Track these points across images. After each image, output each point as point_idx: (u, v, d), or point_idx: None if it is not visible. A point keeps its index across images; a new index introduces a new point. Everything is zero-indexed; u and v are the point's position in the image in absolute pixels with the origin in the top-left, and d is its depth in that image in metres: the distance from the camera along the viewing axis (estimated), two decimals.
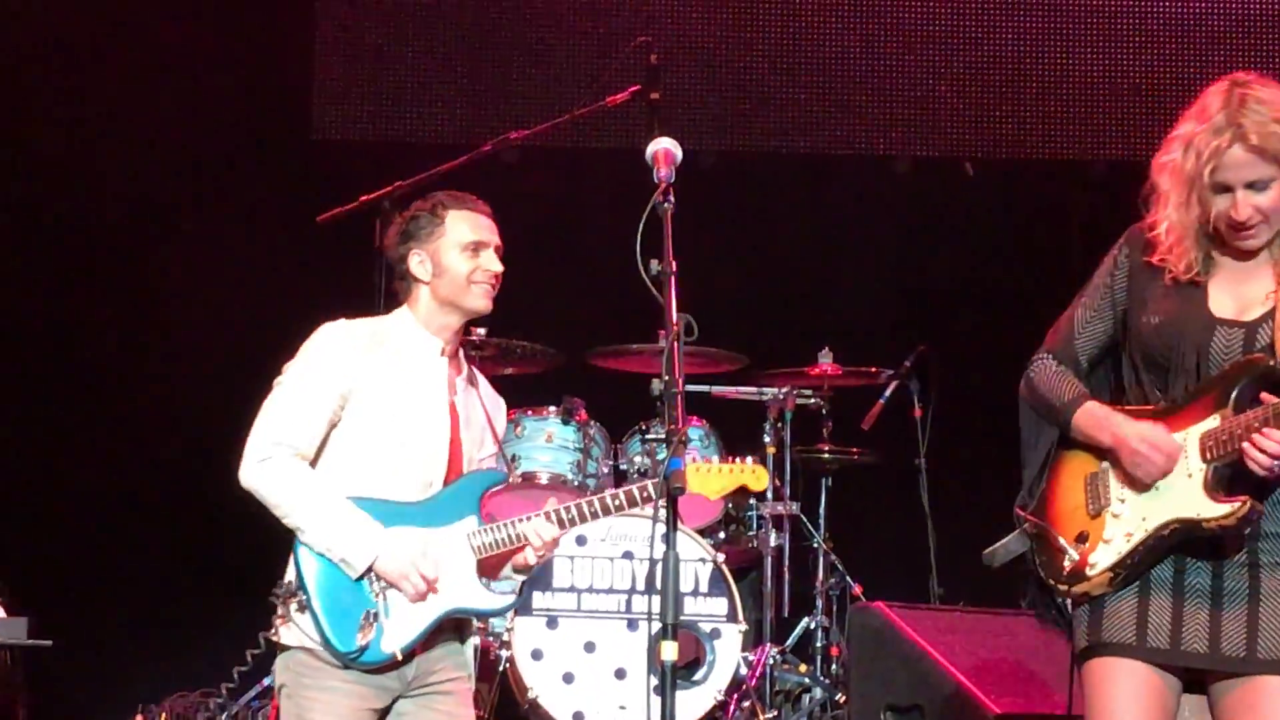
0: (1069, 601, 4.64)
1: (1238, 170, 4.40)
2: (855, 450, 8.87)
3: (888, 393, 8.81)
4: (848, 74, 9.83)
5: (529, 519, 5.31)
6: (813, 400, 8.72)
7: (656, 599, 4.27)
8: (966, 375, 9.03)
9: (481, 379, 5.57)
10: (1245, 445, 4.33)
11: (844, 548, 8.80)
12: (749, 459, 5.44)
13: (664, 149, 4.66)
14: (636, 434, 8.29)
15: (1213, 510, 4.40)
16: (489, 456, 5.51)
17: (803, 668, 8.36)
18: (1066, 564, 4.56)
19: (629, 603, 7.66)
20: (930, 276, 9.81)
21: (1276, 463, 4.31)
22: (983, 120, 9.84)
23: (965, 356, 9.16)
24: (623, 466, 8.24)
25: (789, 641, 8.53)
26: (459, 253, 5.31)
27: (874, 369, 8.83)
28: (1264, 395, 4.38)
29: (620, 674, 7.58)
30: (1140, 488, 4.51)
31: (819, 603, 8.60)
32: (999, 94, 9.82)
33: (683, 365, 4.25)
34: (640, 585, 7.62)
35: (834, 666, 8.47)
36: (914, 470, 8.81)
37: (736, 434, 8.63)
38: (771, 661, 8.20)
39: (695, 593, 7.76)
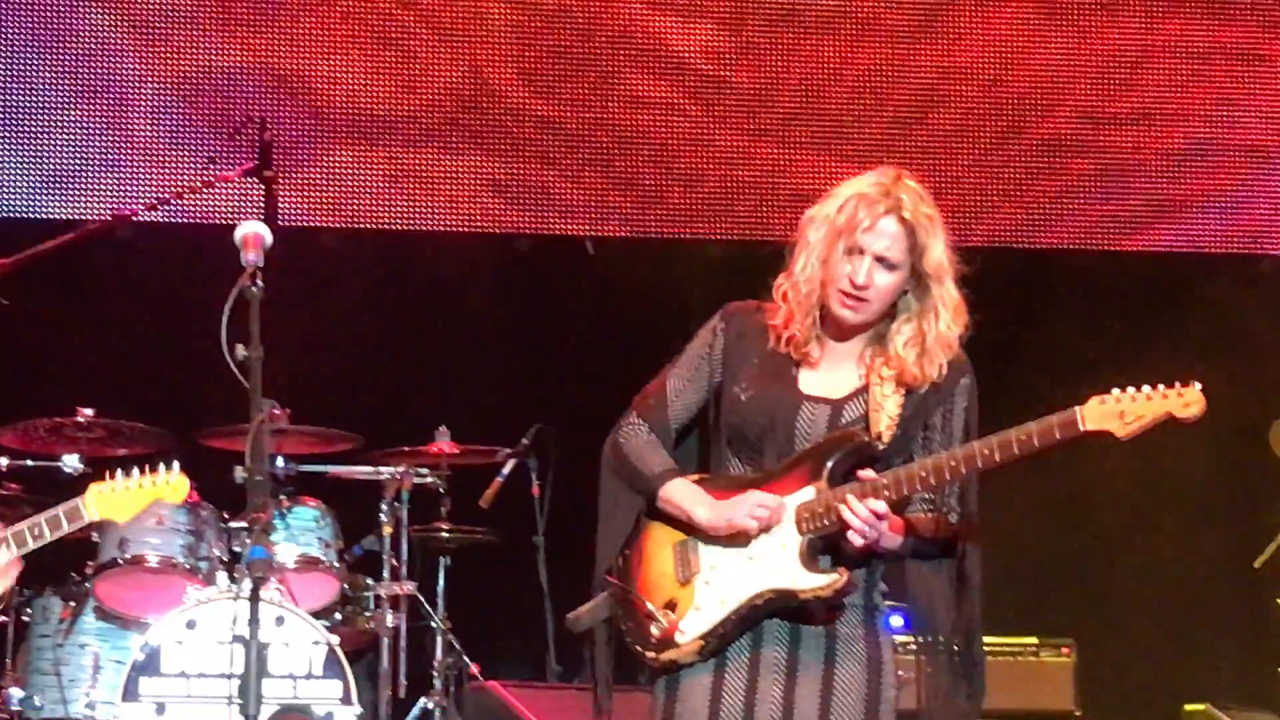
0: (649, 672, 4.66)
1: (881, 239, 4.55)
2: (474, 529, 8.86)
3: (506, 471, 8.81)
4: (469, 152, 9.85)
5: None
6: (430, 479, 8.68)
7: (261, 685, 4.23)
8: (585, 453, 9.06)
9: None
10: (844, 513, 4.42)
11: (463, 627, 8.77)
12: (167, 469, 5.30)
13: (253, 233, 4.63)
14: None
15: (810, 581, 4.48)
16: None
17: None
18: (655, 631, 4.57)
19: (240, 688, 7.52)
20: (549, 354, 9.86)
21: (869, 529, 4.41)
22: (604, 199, 9.94)
23: (584, 435, 9.19)
24: (236, 549, 8.10)
25: None
26: None
27: (493, 447, 8.83)
28: (860, 473, 4.49)
29: None
30: (733, 556, 4.56)
31: (436, 683, 8.54)
32: (620, 173, 9.93)
33: (268, 452, 4.21)
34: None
35: None
36: (532, 548, 8.82)
37: (353, 514, 8.57)
38: None
39: (309, 675, 7.69)
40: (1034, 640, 8.91)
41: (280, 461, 8.22)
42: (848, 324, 4.63)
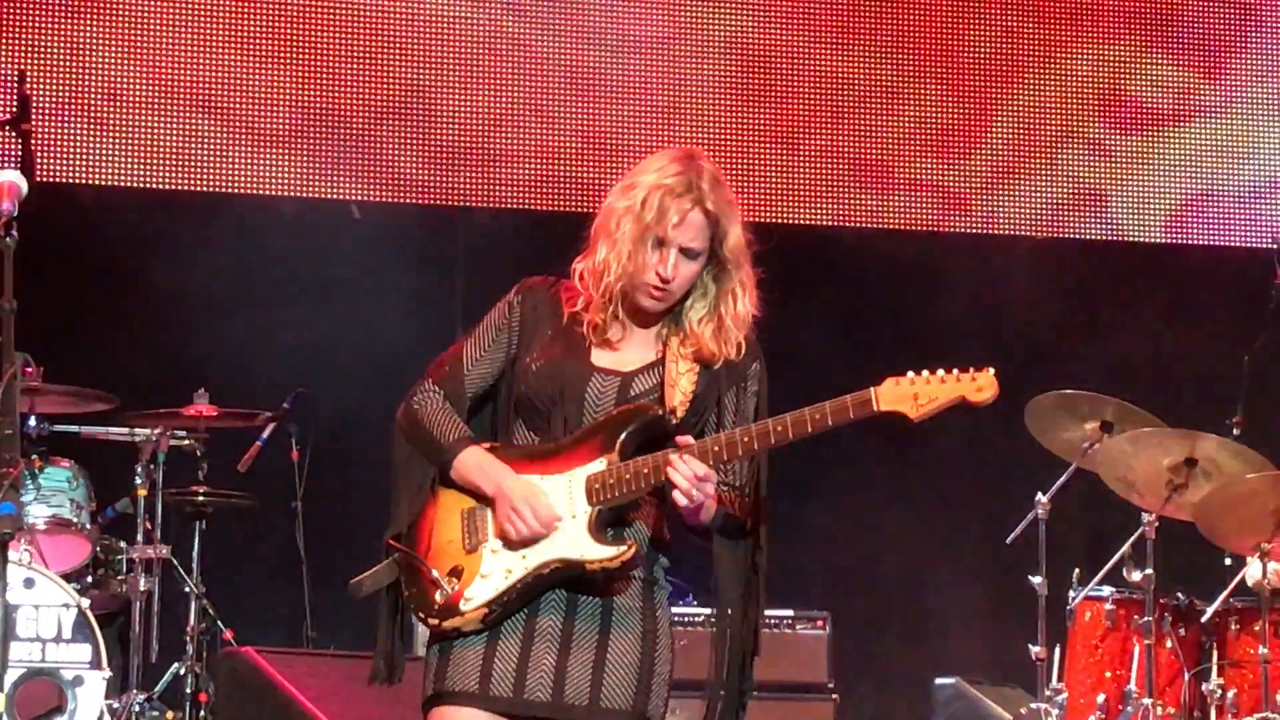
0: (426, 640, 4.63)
1: (687, 231, 4.56)
2: (231, 493, 8.76)
3: (265, 435, 8.74)
4: (234, 113, 9.74)
5: None
6: (187, 441, 8.58)
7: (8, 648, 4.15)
8: (345, 418, 9.04)
9: None
10: (671, 473, 4.42)
11: (218, 592, 8.69)
12: None
13: (6, 182, 4.56)
14: None
15: (597, 553, 4.47)
16: None
17: (170, 715, 8.21)
18: (438, 598, 4.53)
19: None
20: (312, 318, 9.75)
21: (693, 489, 4.41)
22: (374, 163, 9.88)
23: (344, 400, 9.16)
24: None
25: (157, 688, 8.35)
26: None
27: (252, 411, 8.73)
28: (680, 439, 4.48)
29: None
30: None
31: (189, 648, 8.44)
32: (389, 136, 9.87)
33: (18, 406, 4.13)
34: None
35: (203, 713, 8.33)
36: (290, 514, 8.76)
37: (108, 475, 8.46)
38: (137, 708, 8.03)
39: (58, 639, 7.56)
40: (789, 612, 8.98)
41: (32, 420, 8.09)
42: (652, 312, 4.65)
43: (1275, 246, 8.59)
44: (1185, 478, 7.71)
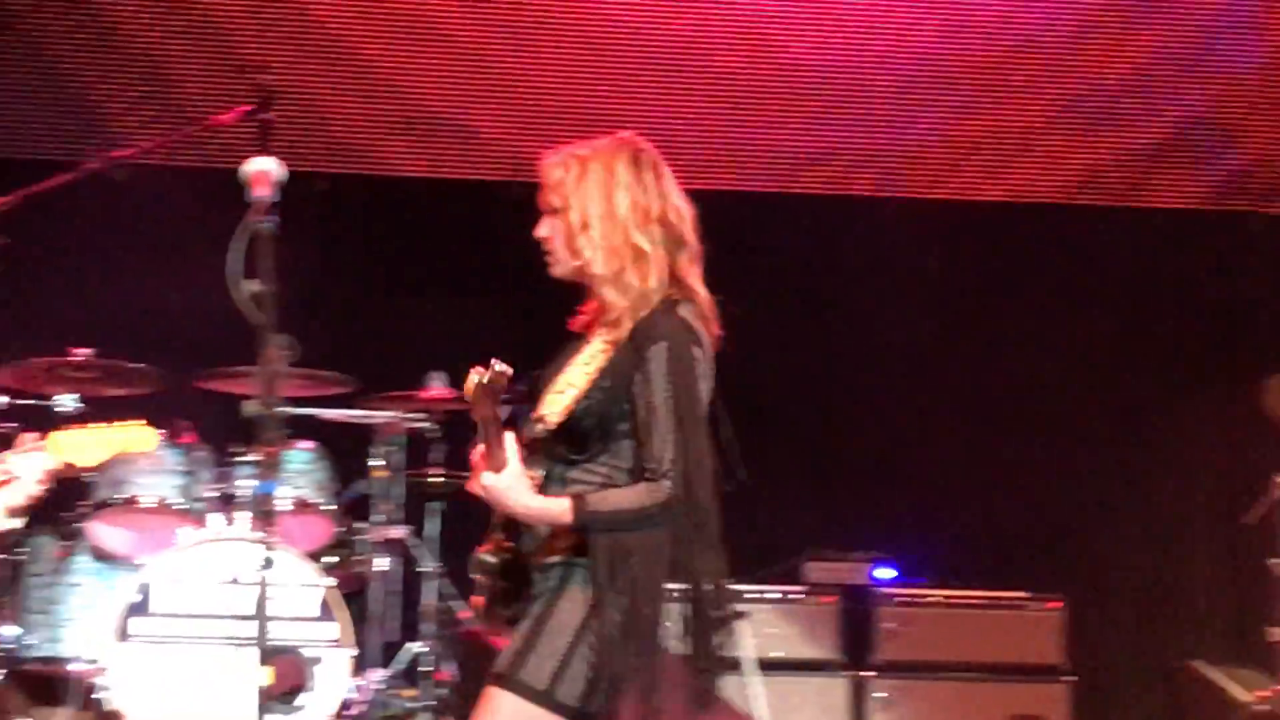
0: None
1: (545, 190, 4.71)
2: (468, 475, 8.83)
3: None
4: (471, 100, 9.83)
5: None
6: (425, 424, 8.69)
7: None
8: None
9: None
10: None
11: (455, 572, 8.78)
12: (135, 420, 5.22)
13: (260, 170, 4.65)
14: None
15: None
16: None
17: (408, 693, 8.33)
18: None
19: (234, 628, 7.56)
20: (544, 300, 9.77)
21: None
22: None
23: None
24: (229, 490, 8.11)
25: (395, 667, 8.48)
26: None
27: None
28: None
29: (225, 701, 7.48)
30: None
31: (427, 628, 8.55)
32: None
33: (282, 387, 4.21)
34: (246, 611, 7.52)
35: (440, 690, 8.43)
36: None
37: (347, 457, 8.59)
38: (376, 687, 8.15)
39: (302, 618, 7.71)
40: (1024, 594, 8.96)
41: None
42: (566, 281, 4.81)
43: None
44: None
